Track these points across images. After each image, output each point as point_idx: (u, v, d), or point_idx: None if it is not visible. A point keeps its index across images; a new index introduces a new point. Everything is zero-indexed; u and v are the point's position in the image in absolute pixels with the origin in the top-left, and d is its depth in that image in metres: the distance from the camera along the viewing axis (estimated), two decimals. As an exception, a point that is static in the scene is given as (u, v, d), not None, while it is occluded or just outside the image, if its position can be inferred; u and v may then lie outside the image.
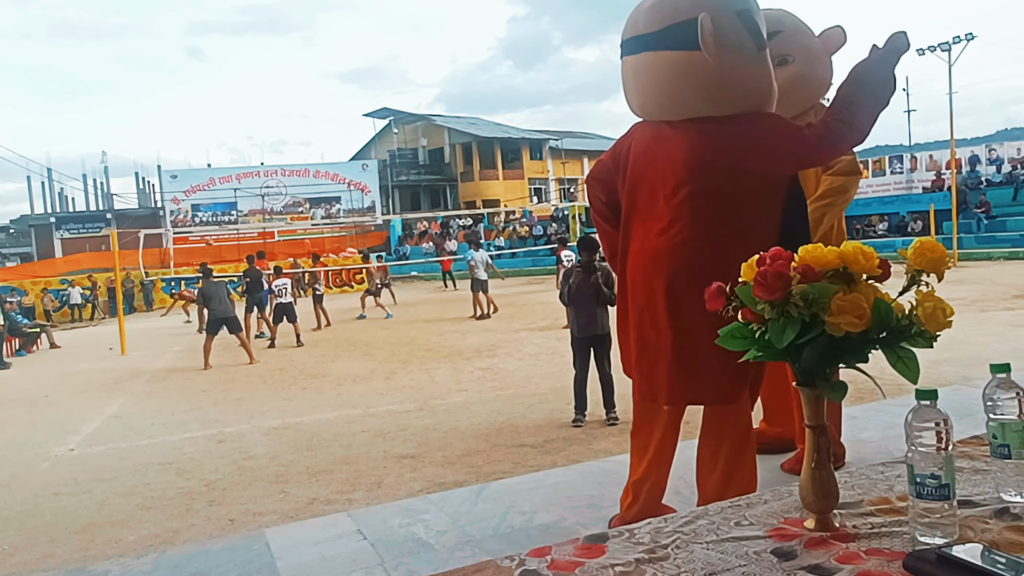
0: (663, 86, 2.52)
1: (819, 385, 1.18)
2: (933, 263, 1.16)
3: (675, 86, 2.48)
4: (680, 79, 2.47)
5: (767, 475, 3.49)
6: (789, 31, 3.47)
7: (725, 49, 2.40)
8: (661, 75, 2.51)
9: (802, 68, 3.45)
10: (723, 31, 2.39)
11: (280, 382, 8.81)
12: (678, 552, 1.18)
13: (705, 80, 2.43)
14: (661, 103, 2.57)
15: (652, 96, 2.59)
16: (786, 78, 3.49)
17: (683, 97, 2.49)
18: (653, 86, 2.56)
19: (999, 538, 1.15)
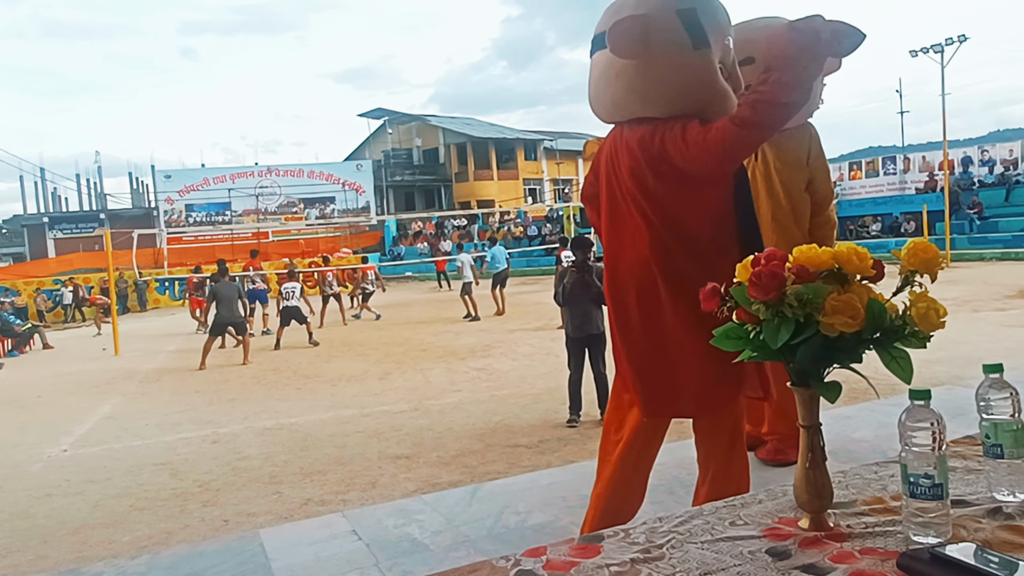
0: (606, 87, 2.51)
1: (813, 385, 1.19)
2: (926, 264, 1.17)
3: (615, 87, 2.47)
4: (617, 80, 2.45)
5: (763, 475, 3.50)
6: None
7: (653, 49, 2.36)
8: (604, 76, 2.50)
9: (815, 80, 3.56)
10: (655, 31, 2.35)
11: (274, 383, 8.79)
12: (673, 552, 1.18)
13: (639, 81, 2.40)
14: (605, 104, 2.56)
15: (597, 97, 2.59)
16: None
17: (623, 98, 2.47)
18: (598, 87, 2.56)
19: (992, 537, 1.15)
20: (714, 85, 2.45)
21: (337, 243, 33.19)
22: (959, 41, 24.43)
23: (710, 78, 2.44)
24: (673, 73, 2.38)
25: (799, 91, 2.19)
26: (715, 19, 2.46)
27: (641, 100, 2.43)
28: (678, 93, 2.40)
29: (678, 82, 2.39)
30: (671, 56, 2.36)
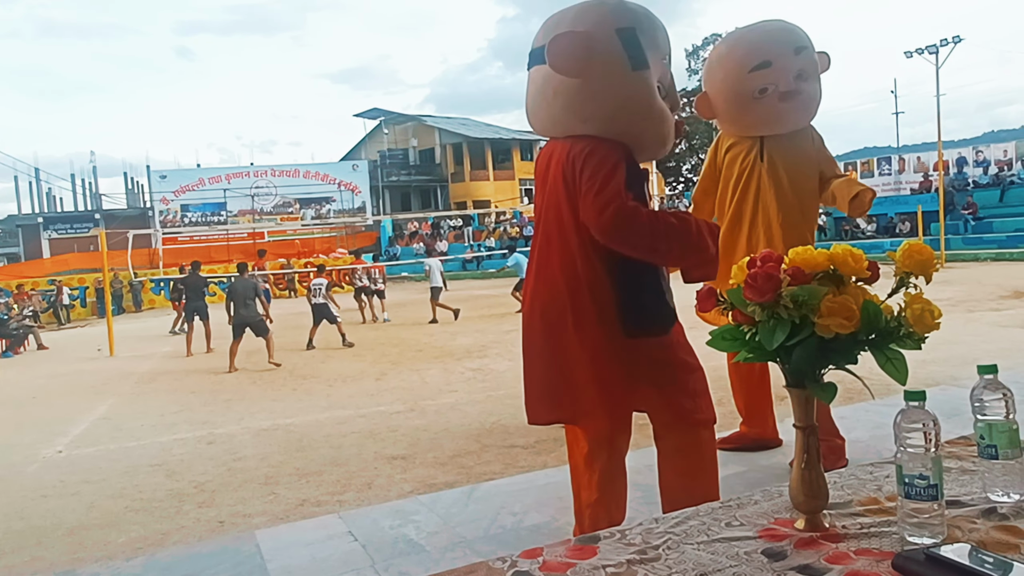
0: (543, 103, 2.49)
1: (809, 386, 1.19)
2: (921, 265, 1.17)
3: (552, 104, 2.44)
4: (555, 98, 2.43)
5: (756, 475, 3.51)
6: (810, 48, 3.64)
7: (591, 66, 2.34)
8: (542, 92, 2.48)
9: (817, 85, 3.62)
10: (594, 49, 2.33)
11: (270, 383, 8.78)
12: (669, 553, 1.18)
13: (578, 100, 2.39)
14: (543, 120, 2.55)
15: (535, 112, 2.57)
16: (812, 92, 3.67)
17: (560, 116, 2.45)
18: (535, 102, 2.54)
19: (987, 538, 1.16)
20: (651, 107, 2.44)
21: (333, 243, 33.19)
22: (954, 42, 24.53)
23: (648, 99, 2.43)
24: (611, 93, 2.37)
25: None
26: (654, 39, 2.46)
27: (579, 119, 2.41)
28: (616, 113, 2.38)
29: (616, 103, 2.38)
30: (609, 76, 2.36)
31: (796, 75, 3.51)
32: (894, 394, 5.02)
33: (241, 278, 10.55)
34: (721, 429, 4.95)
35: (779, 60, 3.53)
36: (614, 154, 2.33)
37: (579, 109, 2.39)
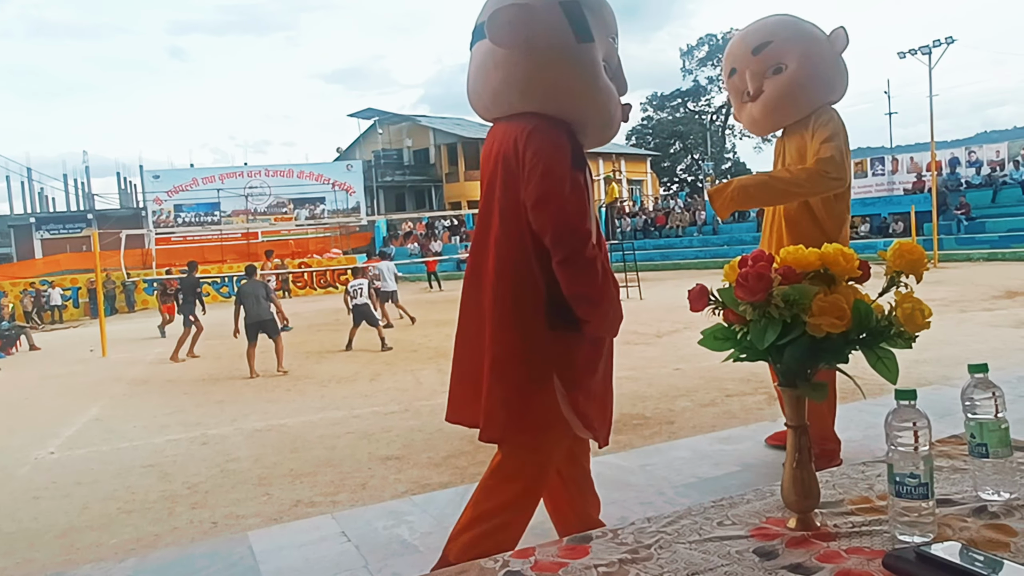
0: (484, 79, 2.35)
1: (800, 386, 1.19)
2: (912, 264, 1.17)
3: (493, 78, 2.30)
4: (495, 71, 2.29)
5: (749, 475, 3.51)
6: (781, 39, 3.50)
7: (533, 39, 2.22)
8: (483, 67, 2.35)
9: (795, 75, 3.46)
10: (536, 21, 2.21)
11: (263, 384, 8.76)
12: (661, 552, 1.19)
13: (519, 72, 2.25)
14: (484, 98, 2.41)
15: (476, 90, 2.43)
16: (779, 86, 3.52)
17: (501, 90, 2.32)
18: (476, 79, 2.40)
19: (977, 536, 1.16)
20: (596, 82, 2.32)
21: (327, 244, 33.14)
22: (946, 43, 24.63)
23: (592, 74, 2.31)
24: (554, 66, 2.25)
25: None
26: (600, 15, 2.35)
27: (520, 93, 2.27)
28: (558, 88, 2.26)
29: (558, 76, 2.25)
30: (553, 49, 2.24)
31: (755, 75, 3.53)
32: (886, 393, 5.04)
33: (251, 280, 10.22)
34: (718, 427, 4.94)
35: (740, 64, 3.59)
36: (558, 133, 2.23)
37: (520, 83, 2.26)
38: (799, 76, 3.44)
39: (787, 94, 3.49)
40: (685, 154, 52.05)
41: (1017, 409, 4.21)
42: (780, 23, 3.55)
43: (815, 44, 3.47)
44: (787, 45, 3.46)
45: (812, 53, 3.45)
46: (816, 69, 3.45)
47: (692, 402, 6.11)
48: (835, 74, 3.50)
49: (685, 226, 32.29)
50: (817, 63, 3.45)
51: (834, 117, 3.43)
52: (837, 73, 3.51)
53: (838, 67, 3.51)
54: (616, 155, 45.58)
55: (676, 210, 33.99)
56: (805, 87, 3.46)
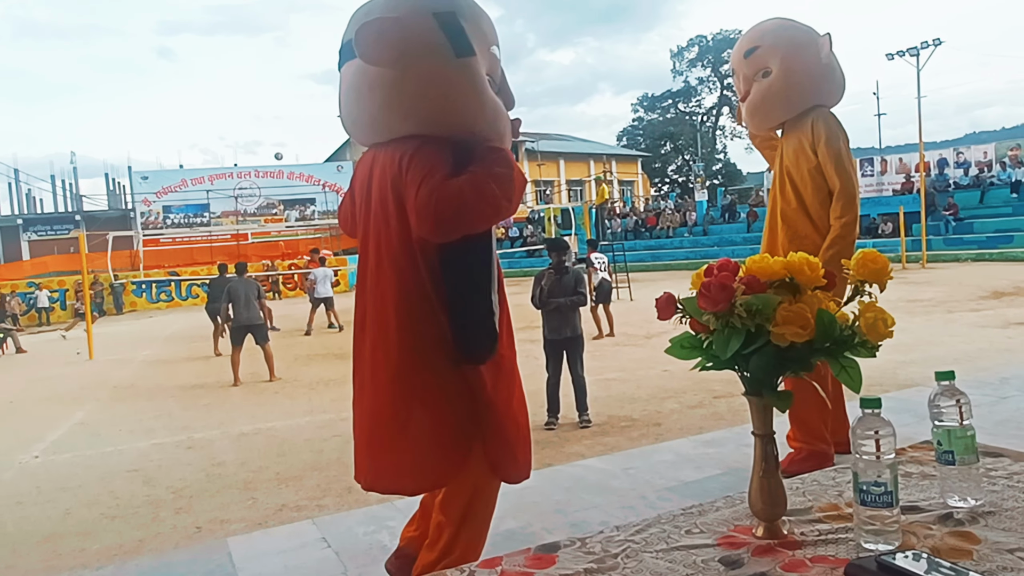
0: (359, 102, 2.19)
1: (766, 394, 1.20)
2: (875, 273, 1.18)
3: (369, 102, 2.15)
4: (371, 93, 2.14)
5: (731, 479, 3.52)
6: (767, 44, 3.56)
7: (409, 55, 2.07)
8: (355, 89, 2.18)
9: (775, 80, 3.52)
10: (410, 36, 2.06)
11: (250, 387, 8.73)
12: (627, 562, 1.18)
13: (396, 93, 2.10)
14: (362, 123, 2.25)
15: (350, 115, 2.26)
16: (764, 90, 3.60)
17: (380, 115, 2.16)
18: (349, 102, 2.23)
19: (941, 544, 1.17)
20: (482, 97, 2.17)
21: (317, 245, 33.02)
22: (934, 45, 24.79)
23: (478, 89, 2.15)
24: (435, 84, 2.09)
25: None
26: (478, 26, 2.19)
27: (401, 116, 2.12)
28: (442, 106, 2.11)
29: (441, 94, 2.10)
30: (432, 65, 2.09)
31: (746, 79, 3.66)
32: (875, 395, 5.01)
33: (241, 279, 9.96)
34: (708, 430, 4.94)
35: (736, 67, 3.74)
36: (441, 152, 2.09)
37: (400, 104, 2.11)
38: (779, 81, 3.51)
39: (767, 98, 3.57)
40: (676, 155, 52.14)
41: (999, 411, 4.24)
42: (770, 28, 3.61)
43: (798, 50, 3.50)
44: (772, 51, 3.54)
45: (794, 59, 3.49)
46: (796, 75, 3.50)
47: (680, 404, 6.12)
48: (822, 79, 3.54)
49: (675, 227, 32.35)
50: (798, 69, 3.49)
51: (832, 126, 3.47)
52: (824, 78, 3.54)
53: (825, 72, 3.53)
54: (607, 156, 45.70)
55: (667, 211, 34.05)
56: (784, 92, 3.52)
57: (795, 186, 3.54)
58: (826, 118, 3.49)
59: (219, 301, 11.55)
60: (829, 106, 3.60)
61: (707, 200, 34.56)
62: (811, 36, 3.54)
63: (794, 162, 3.54)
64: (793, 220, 3.55)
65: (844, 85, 3.65)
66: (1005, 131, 42.15)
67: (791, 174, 3.57)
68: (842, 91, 3.66)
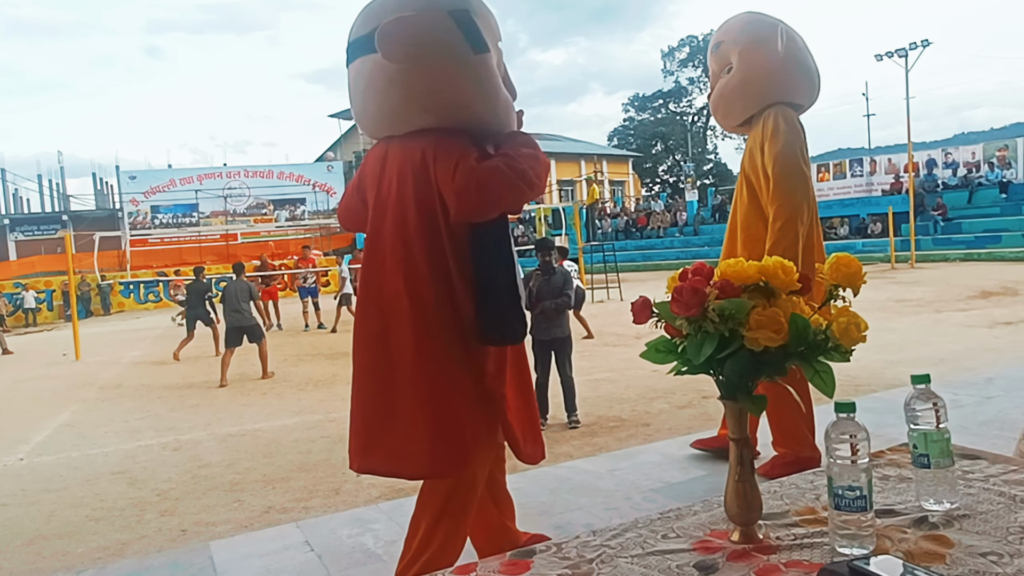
0: (376, 97, 2.25)
1: (740, 399, 1.19)
2: (849, 278, 1.18)
3: (389, 96, 2.21)
4: (390, 88, 2.20)
5: (718, 479, 3.52)
6: (729, 40, 3.53)
7: (429, 51, 2.15)
8: (373, 84, 2.24)
9: (733, 77, 3.50)
10: (428, 33, 2.15)
11: (239, 387, 8.69)
12: (602, 567, 1.18)
13: (418, 88, 2.17)
14: (374, 114, 2.31)
15: (366, 109, 2.32)
16: (722, 87, 3.57)
17: (400, 108, 2.22)
18: (367, 97, 2.29)
19: (915, 548, 1.17)
20: (497, 94, 2.28)
21: (310, 245, 32.89)
22: (922, 46, 24.90)
23: (494, 86, 2.26)
24: (454, 79, 2.18)
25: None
26: (487, 22, 2.29)
27: (421, 109, 2.20)
28: (460, 101, 2.20)
29: (460, 89, 2.19)
30: (450, 60, 2.17)
31: (713, 74, 3.66)
32: (862, 394, 5.04)
33: (237, 280, 9.92)
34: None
35: (709, 64, 3.73)
36: (463, 140, 2.20)
37: (421, 98, 2.18)
38: (736, 76, 3.48)
39: (725, 94, 3.55)
40: (667, 155, 52.23)
41: (984, 411, 4.26)
42: (735, 23, 3.58)
43: (757, 44, 3.43)
44: (732, 47, 3.51)
45: (752, 54, 3.44)
46: (752, 70, 3.43)
47: (669, 404, 6.12)
48: (783, 74, 3.43)
49: (666, 227, 32.42)
50: (755, 64, 3.42)
51: (780, 123, 3.35)
52: (786, 73, 3.44)
53: (784, 66, 3.42)
54: (598, 156, 45.69)
55: (657, 211, 34.11)
56: (740, 87, 3.48)
57: (751, 186, 3.47)
58: (778, 114, 3.38)
59: (198, 307, 11.53)
60: (795, 102, 3.50)
61: (698, 200, 34.64)
62: (773, 30, 3.44)
63: (750, 161, 3.47)
64: (749, 223, 3.48)
65: (814, 79, 3.53)
66: (993, 131, 42.43)
67: (748, 174, 3.50)
68: (811, 85, 3.53)
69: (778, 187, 3.24)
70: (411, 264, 2.19)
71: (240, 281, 9.91)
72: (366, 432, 2.28)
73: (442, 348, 2.18)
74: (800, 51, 3.48)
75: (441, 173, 2.14)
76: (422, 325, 2.17)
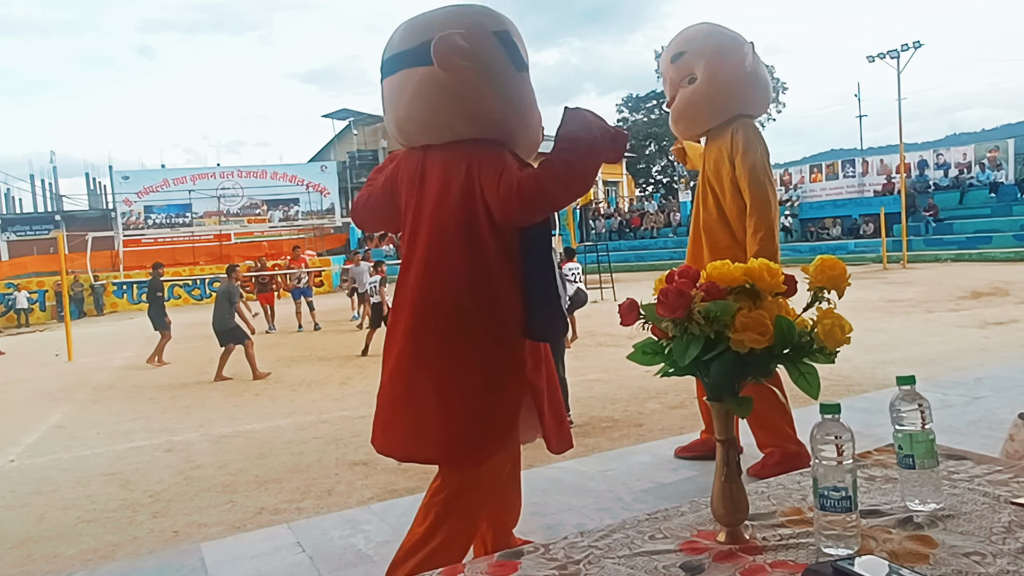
0: (420, 103, 2.36)
1: (726, 400, 1.20)
2: (833, 280, 1.19)
3: (436, 103, 2.33)
4: (439, 95, 2.31)
5: (709, 479, 3.53)
6: (693, 50, 3.55)
7: (478, 65, 2.29)
8: (421, 91, 2.34)
9: (699, 87, 3.51)
10: (477, 49, 2.29)
11: (231, 388, 8.68)
12: (589, 568, 1.19)
13: (461, 97, 2.30)
14: (420, 121, 2.40)
15: (410, 114, 2.41)
16: (688, 96, 3.57)
17: (440, 115, 2.34)
18: (410, 104, 2.39)
19: (899, 548, 1.18)
20: (533, 109, 2.45)
21: (301, 245, 32.87)
22: (914, 48, 25.02)
23: (531, 101, 2.45)
24: (499, 93, 2.33)
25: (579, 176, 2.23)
26: (521, 41, 2.45)
27: (467, 120, 2.32)
28: (505, 114, 2.35)
29: (503, 102, 2.34)
30: (497, 76, 2.32)
31: (672, 83, 3.66)
32: (853, 395, 5.06)
33: (225, 282, 9.89)
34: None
35: (665, 72, 3.74)
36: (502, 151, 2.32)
37: (469, 109, 2.31)
38: (702, 89, 3.50)
39: (690, 105, 3.56)
40: (660, 156, 52.27)
41: (972, 411, 4.29)
42: (696, 33, 3.60)
43: (723, 56, 3.47)
44: (697, 57, 3.53)
45: (718, 65, 3.47)
46: (720, 81, 3.47)
47: (661, 404, 6.14)
48: (748, 88, 3.49)
49: (660, 227, 32.48)
50: (723, 76, 3.46)
51: (751, 138, 3.42)
52: (751, 87, 3.50)
53: (750, 80, 3.48)
54: (591, 156, 45.65)
55: (651, 211, 34.18)
56: (708, 98, 3.50)
57: (716, 196, 3.51)
58: (747, 129, 3.44)
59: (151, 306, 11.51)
60: (754, 115, 3.58)
61: (691, 201, 34.66)
62: (737, 43, 3.49)
63: (715, 172, 3.51)
64: (714, 231, 3.52)
65: (769, 92, 3.64)
66: (985, 132, 42.70)
67: (712, 184, 3.53)
68: (767, 100, 3.64)
69: (755, 199, 3.31)
70: (448, 266, 2.29)
71: (227, 284, 9.92)
72: (389, 412, 2.40)
73: (470, 346, 2.27)
74: (760, 65, 3.54)
75: (486, 181, 2.25)
76: (455, 324, 2.28)
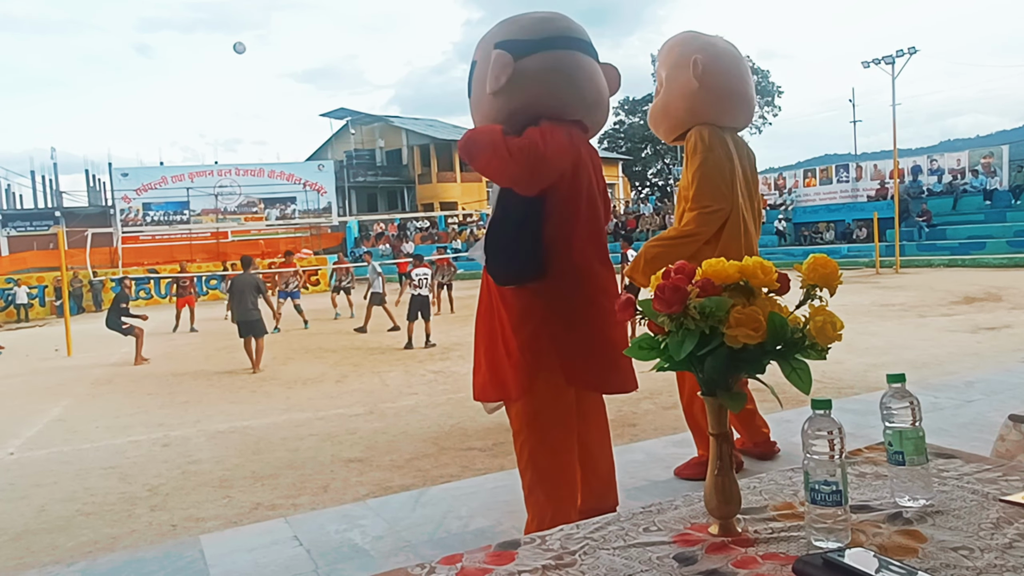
0: (587, 83, 2.80)
1: (719, 395, 1.23)
2: (826, 278, 1.22)
3: (597, 83, 2.87)
4: (587, 78, 2.81)
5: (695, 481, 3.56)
6: (660, 61, 3.66)
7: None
8: (592, 74, 2.83)
9: (663, 100, 3.59)
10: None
11: (228, 385, 8.69)
12: (584, 559, 1.21)
13: (595, 79, 2.84)
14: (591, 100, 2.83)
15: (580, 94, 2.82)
16: (654, 105, 3.72)
17: (596, 95, 2.83)
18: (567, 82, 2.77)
19: (888, 542, 1.20)
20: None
21: (298, 244, 32.87)
22: (909, 53, 25.12)
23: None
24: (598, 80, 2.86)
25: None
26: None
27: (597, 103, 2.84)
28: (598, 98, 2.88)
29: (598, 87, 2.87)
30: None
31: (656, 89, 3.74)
32: (845, 396, 5.06)
33: (244, 273, 9.89)
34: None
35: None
36: None
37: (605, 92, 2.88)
38: (660, 101, 3.62)
39: (654, 115, 3.71)
40: (656, 159, 52.32)
41: (963, 414, 4.32)
42: (667, 44, 3.66)
43: (676, 70, 3.50)
44: (662, 67, 3.63)
45: (672, 79, 3.53)
46: (672, 95, 3.53)
47: (655, 404, 6.17)
48: (701, 104, 3.44)
49: (655, 229, 32.48)
50: (674, 89, 3.51)
51: (699, 140, 3.39)
52: (705, 102, 3.43)
53: (698, 94, 3.42)
54: (589, 158, 45.68)
55: (646, 214, 34.24)
56: (662, 109, 3.62)
57: (682, 202, 3.53)
58: (699, 132, 3.41)
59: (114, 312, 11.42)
60: (721, 124, 3.49)
61: (689, 203, 34.72)
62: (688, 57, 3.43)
63: (682, 177, 3.57)
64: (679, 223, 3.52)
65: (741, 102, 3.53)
66: (979, 139, 42.85)
67: (680, 190, 3.59)
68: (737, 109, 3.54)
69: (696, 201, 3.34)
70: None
71: (247, 275, 9.91)
72: (475, 362, 2.90)
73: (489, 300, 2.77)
74: (724, 76, 3.44)
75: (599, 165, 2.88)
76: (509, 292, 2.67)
